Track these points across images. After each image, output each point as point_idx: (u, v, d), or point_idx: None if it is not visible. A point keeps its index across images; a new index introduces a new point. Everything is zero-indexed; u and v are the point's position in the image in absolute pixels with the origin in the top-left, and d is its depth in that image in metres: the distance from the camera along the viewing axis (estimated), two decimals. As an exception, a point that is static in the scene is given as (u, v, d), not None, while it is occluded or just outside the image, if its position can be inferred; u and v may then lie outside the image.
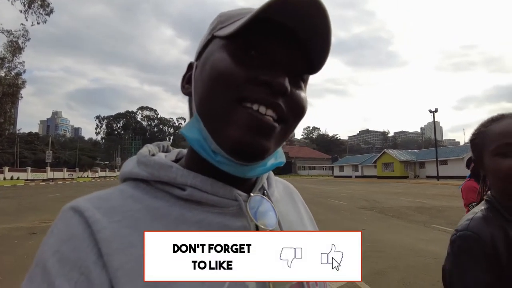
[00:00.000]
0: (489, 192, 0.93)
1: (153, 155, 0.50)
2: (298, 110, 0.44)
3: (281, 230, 0.47)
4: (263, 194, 0.50)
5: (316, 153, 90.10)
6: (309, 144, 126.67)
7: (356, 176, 53.73)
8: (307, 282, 0.46)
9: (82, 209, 0.39)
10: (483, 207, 0.88)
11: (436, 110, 36.29)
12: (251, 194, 0.47)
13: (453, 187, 22.91)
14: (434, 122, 38.09)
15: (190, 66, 0.50)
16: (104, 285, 0.35)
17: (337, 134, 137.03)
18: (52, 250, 0.37)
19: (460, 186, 3.39)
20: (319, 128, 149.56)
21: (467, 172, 3.07)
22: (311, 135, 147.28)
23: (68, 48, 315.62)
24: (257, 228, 0.45)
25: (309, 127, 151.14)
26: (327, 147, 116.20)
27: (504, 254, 0.75)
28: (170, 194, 0.43)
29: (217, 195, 0.44)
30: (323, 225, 7.76)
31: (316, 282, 0.48)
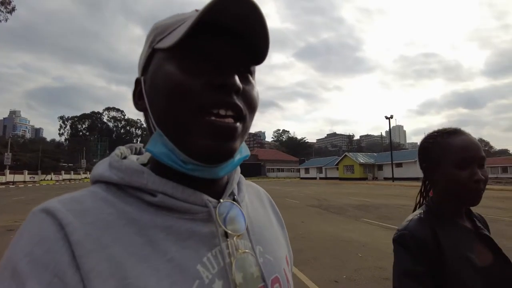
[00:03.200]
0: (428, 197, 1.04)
1: (125, 157, 0.51)
2: (252, 104, 0.46)
3: (249, 235, 0.49)
4: (233, 199, 0.51)
5: (285, 156, 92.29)
6: (279, 147, 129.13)
7: (320, 178, 56.14)
8: (272, 282, 0.49)
9: (54, 211, 0.39)
10: (421, 210, 0.98)
11: (391, 117, 39.24)
12: (221, 200, 0.48)
13: (403, 187, 25.29)
14: (389, 127, 40.90)
15: (137, 81, 0.50)
16: (77, 286, 0.35)
17: (305, 137, 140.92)
18: (23, 252, 0.36)
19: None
20: (288, 131, 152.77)
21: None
22: (281, 138, 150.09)
23: (27, 43, 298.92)
24: (225, 234, 0.46)
25: (279, 130, 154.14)
26: (295, 149, 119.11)
27: (433, 250, 0.85)
28: (141, 200, 0.44)
29: (187, 201, 0.45)
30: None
31: (279, 283, 0.50)
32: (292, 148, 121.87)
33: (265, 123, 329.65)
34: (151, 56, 0.47)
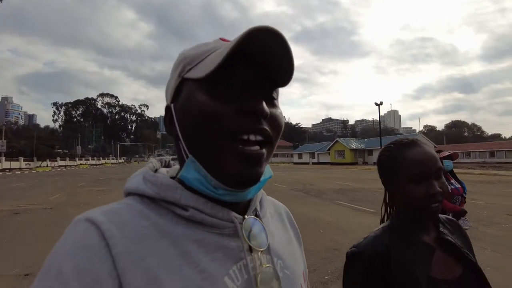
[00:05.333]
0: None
1: (155, 170, 0.55)
2: (278, 127, 0.49)
3: (270, 250, 0.52)
4: (256, 215, 0.55)
5: (279, 141, 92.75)
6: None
7: (313, 163, 57.38)
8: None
9: (98, 222, 0.42)
10: (383, 225, 0.97)
11: (381, 103, 40.06)
12: (246, 216, 0.51)
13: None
14: (379, 114, 41.77)
15: (167, 108, 0.53)
16: None
17: (299, 123, 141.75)
18: (68, 256, 0.39)
19: None
20: (284, 117, 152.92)
21: None
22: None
23: (15, 26, 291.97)
24: (250, 248, 0.50)
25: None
26: (290, 135, 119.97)
27: (381, 270, 0.85)
28: (173, 213, 0.47)
29: (216, 217, 0.48)
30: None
31: None
32: (287, 134, 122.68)
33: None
34: (181, 85, 0.50)
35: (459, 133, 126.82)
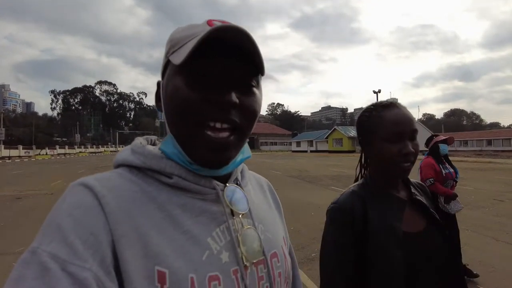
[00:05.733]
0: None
1: (143, 146, 0.57)
2: (250, 115, 0.52)
3: (252, 214, 0.58)
4: (237, 184, 0.60)
5: (278, 129, 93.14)
6: (273, 120, 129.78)
7: (311, 151, 57.58)
8: (271, 256, 0.57)
9: (91, 185, 0.46)
10: (357, 183, 1.03)
11: (379, 91, 40.00)
12: (227, 184, 0.57)
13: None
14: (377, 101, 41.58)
15: (158, 84, 0.58)
16: (109, 246, 0.42)
17: (298, 111, 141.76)
18: (66, 213, 0.43)
19: (420, 161, 3.73)
20: (283, 105, 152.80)
21: None
22: (275, 111, 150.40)
23: (9, 12, 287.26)
24: (232, 213, 0.55)
25: (273, 103, 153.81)
26: (289, 123, 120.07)
27: (359, 223, 0.90)
28: (159, 181, 0.52)
29: (199, 184, 0.53)
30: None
31: (277, 258, 0.58)
32: (286, 122, 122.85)
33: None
34: (167, 65, 0.54)
35: (458, 122, 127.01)
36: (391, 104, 0.96)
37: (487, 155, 33.15)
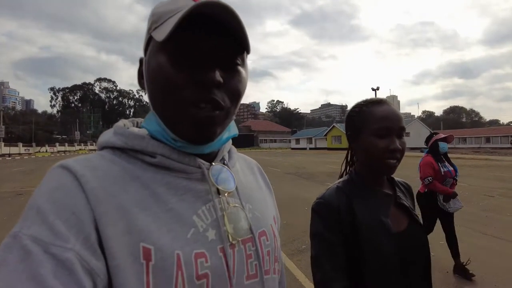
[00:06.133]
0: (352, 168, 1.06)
1: (127, 128, 0.56)
2: (234, 94, 0.51)
3: (239, 193, 0.57)
4: (223, 163, 0.59)
5: (277, 127, 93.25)
6: (272, 117, 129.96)
7: (310, 148, 57.83)
8: (259, 234, 0.57)
9: (70, 166, 0.46)
10: (342, 179, 1.02)
11: (378, 88, 40.15)
12: (213, 163, 0.56)
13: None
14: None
15: (141, 61, 0.56)
16: (91, 224, 0.42)
17: (298, 108, 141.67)
18: (45, 196, 0.43)
19: (420, 160, 3.77)
20: (282, 102, 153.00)
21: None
22: (275, 108, 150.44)
23: (7, 9, 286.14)
24: (218, 192, 0.54)
25: (273, 100, 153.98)
26: (289, 120, 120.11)
27: (346, 219, 0.90)
28: (142, 161, 0.51)
29: (183, 162, 0.52)
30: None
31: (266, 236, 0.58)
32: (286, 119, 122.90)
33: (259, 93, 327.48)
34: (149, 41, 0.52)
35: (457, 119, 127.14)
36: (381, 101, 0.98)
37: (485, 152, 33.33)
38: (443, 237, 3.63)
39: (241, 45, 0.50)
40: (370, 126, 0.94)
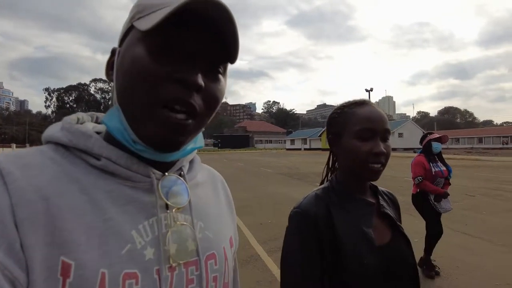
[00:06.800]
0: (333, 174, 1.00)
1: (82, 123, 0.52)
2: (212, 103, 0.47)
3: (191, 210, 0.52)
4: (180, 175, 0.54)
5: (273, 127, 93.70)
6: (268, 118, 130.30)
7: (305, 149, 58.08)
8: (206, 258, 0.52)
9: None
10: (322, 186, 0.95)
11: (371, 89, 40.48)
12: (166, 173, 0.51)
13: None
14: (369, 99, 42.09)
15: (113, 51, 0.51)
16: (15, 229, 0.37)
17: (294, 109, 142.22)
18: None
19: (412, 159, 3.78)
20: (278, 103, 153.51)
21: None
22: (270, 109, 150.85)
23: (3, 8, 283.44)
24: (166, 206, 0.49)
25: (269, 101, 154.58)
26: (284, 121, 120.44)
27: (325, 229, 0.83)
28: (86, 162, 0.46)
29: (131, 169, 0.47)
30: (243, 184, 10.51)
31: (215, 260, 0.53)
32: (281, 120, 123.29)
33: (256, 94, 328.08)
34: (129, 31, 0.47)
35: (451, 119, 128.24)
36: (365, 102, 0.93)
37: (477, 153, 33.74)
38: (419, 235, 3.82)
39: (229, 54, 0.48)
40: (352, 128, 0.88)
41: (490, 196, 8.12)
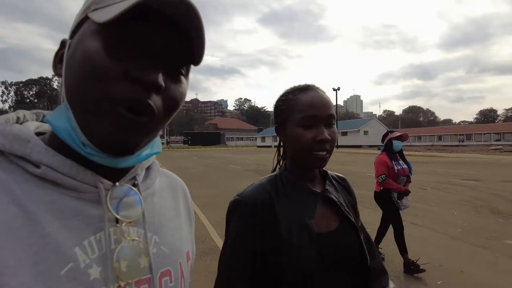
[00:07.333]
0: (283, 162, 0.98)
1: (22, 123, 0.47)
2: (171, 105, 0.44)
3: (144, 223, 0.47)
4: (133, 184, 0.49)
5: (244, 125, 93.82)
6: (240, 115, 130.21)
7: (275, 146, 58.02)
8: (161, 275, 0.47)
9: None
10: (268, 175, 0.94)
11: (338, 89, 41.82)
12: (117, 183, 0.46)
13: (342, 154, 28.00)
14: (336, 99, 43.81)
15: (63, 43, 0.46)
16: None
17: (265, 106, 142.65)
18: None
19: (375, 159, 3.85)
20: (250, 100, 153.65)
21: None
22: (242, 106, 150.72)
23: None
24: (116, 219, 0.45)
25: (241, 98, 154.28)
26: (256, 118, 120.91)
27: (265, 218, 0.82)
28: (24, 169, 0.40)
29: (75, 178, 0.42)
30: (211, 181, 10.55)
31: (170, 276, 0.49)
32: (253, 117, 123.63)
33: (227, 91, 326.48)
34: (83, 22, 0.43)
35: (415, 118, 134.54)
36: (308, 87, 0.90)
37: (436, 150, 35.65)
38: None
39: (193, 56, 0.45)
40: (296, 116, 0.86)
41: (439, 189, 8.74)
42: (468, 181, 10.24)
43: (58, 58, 0.47)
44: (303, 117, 0.85)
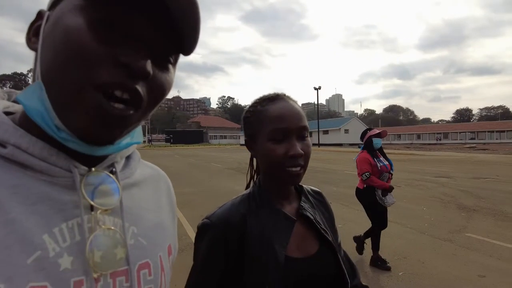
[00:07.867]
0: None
1: None
2: (158, 94, 0.41)
3: (122, 212, 0.44)
4: (111, 172, 0.46)
5: (227, 123, 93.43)
6: (223, 114, 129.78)
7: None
8: (139, 267, 0.45)
9: None
10: (241, 194, 0.87)
11: (319, 88, 42.32)
12: (92, 169, 0.43)
13: (323, 152, 28.43)
14: (317, 98, 44.41)
15: (40, 14, 0.42)
16: None
17: (248, 105, 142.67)
18: None
19: (355, 157, 3.85)
20: (233, 98, 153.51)
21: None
22: (225, 104, 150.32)
23: None
24: (91, 207, 0.42)
25: (224, 96, 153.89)
26: (239, 116, 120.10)
27: (236, 242, 0.76)
28: None
29: (47, 161, 0.39)
30: (191, 179, 10.56)
31: (149, 269, 0.46)
32: (236, 115, 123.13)
33: (210, 89, 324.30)
34: None
35: (395, 117, 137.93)
36: (277, 97, 0.84)
37: (414, 148, 36.72)
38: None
39: (185, 46, 0.43)
40: (265, 130, 0.79)
41: (412, 186, 9.09)
42: (440, 178, 10.68)
43: (33, 30, 0.42)
44: (273, 130, 0.78)
